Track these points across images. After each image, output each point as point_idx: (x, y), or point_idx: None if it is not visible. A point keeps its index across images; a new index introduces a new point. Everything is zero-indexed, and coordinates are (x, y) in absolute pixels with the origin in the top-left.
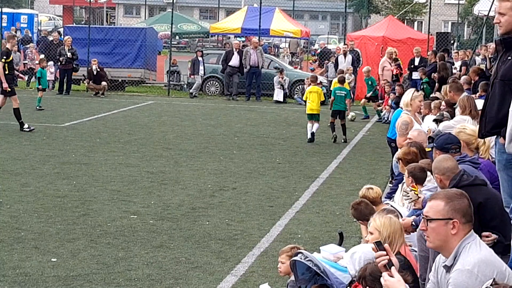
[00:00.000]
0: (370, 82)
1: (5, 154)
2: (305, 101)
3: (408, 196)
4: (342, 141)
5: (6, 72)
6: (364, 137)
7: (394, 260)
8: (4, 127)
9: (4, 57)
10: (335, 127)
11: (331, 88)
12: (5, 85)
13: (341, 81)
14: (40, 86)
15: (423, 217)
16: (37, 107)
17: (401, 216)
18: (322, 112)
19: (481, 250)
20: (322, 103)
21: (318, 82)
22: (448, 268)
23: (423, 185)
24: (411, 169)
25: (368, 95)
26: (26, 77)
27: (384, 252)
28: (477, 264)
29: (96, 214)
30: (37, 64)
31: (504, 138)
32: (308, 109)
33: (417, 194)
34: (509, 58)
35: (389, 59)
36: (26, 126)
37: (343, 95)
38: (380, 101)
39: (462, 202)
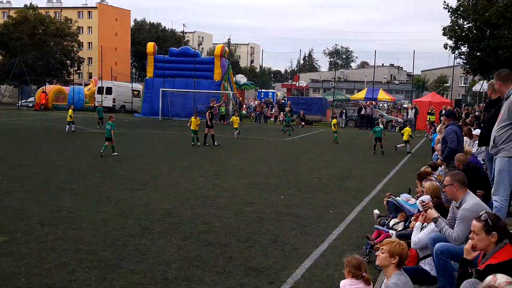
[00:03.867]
0: None
1: None
2: None
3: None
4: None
5: None
6: None
7: (431, 205)
8: None
9: None
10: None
11: None
12: None
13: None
14: None
15: (442, 185)
16: None
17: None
18: None
19: (474, 199)
20: None
21: None
22: (457, 208)
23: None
24: None
25: None
26: None
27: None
28: (472, 205)
29: None
30: None
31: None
32: None
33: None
34: None
35: None
36: None
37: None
38: None
39: (459, 175)
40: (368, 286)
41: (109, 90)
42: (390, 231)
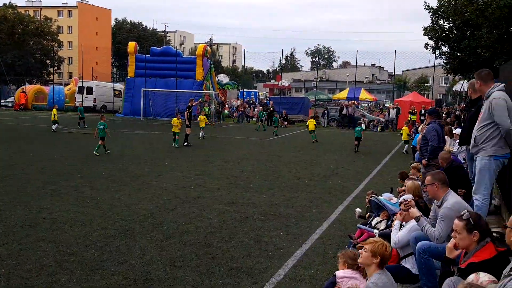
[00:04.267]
0: None
1: None
2: None
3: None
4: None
5: None
6: None
7: (413, 204)
8: None
9: None
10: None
11: None
12: None
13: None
14: None
15: (424, 184)
16: None
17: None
18: None
19: (456, 197)
20: None
21: None
22: (438, 207)
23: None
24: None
25: None
26: None
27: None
28: (453, 204)
29: None
30: None
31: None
32: None
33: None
34: None
35: None
36: None
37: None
38: None
39: (439, 175)
40: (363, 277)
41: (89, 90)
42: (375, 231)
